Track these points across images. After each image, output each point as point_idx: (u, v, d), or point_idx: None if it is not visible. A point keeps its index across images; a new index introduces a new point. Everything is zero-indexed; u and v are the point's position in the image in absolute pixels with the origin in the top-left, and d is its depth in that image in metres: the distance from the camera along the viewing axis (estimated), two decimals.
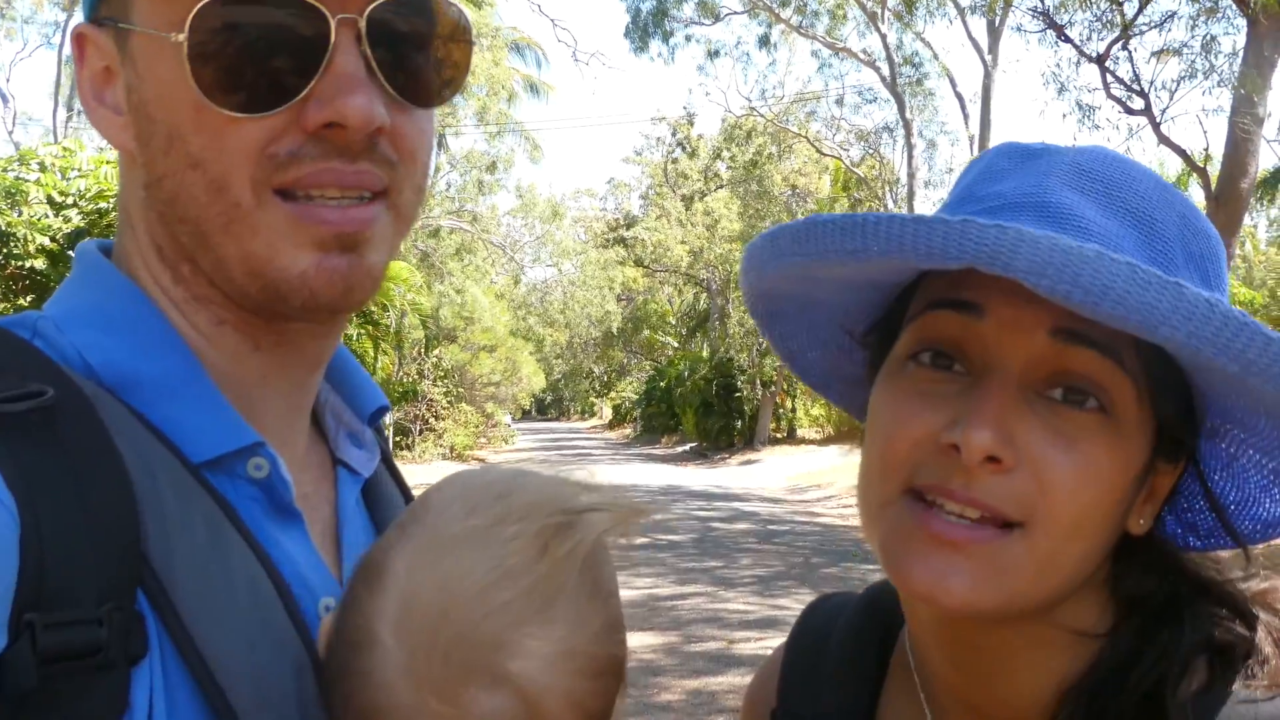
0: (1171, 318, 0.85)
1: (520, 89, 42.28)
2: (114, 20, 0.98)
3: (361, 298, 1.00)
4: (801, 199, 37.18)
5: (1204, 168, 16.61)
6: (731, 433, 38.03)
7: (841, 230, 0.96)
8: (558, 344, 64.74)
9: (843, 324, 1.16)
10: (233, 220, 0.95)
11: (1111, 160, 1.02)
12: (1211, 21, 18.27)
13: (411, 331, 26.34)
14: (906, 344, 1.03)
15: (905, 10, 27.59)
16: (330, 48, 0.93)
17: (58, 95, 37.85)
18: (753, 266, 1.10)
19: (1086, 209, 0.98)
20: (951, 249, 0.88)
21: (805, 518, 19.02)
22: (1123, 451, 0.97)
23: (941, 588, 0.95)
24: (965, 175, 1.10)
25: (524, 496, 0.96)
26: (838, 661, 1.24)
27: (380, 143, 0.97)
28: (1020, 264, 0.86)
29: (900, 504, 0.99)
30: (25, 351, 0.92)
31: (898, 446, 1.00)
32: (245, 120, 0.93)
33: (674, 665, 8.80)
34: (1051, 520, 0.95)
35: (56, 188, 15.26)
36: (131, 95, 0.98)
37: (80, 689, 0.80)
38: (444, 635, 0.90)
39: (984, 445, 0.93)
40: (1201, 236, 1.03)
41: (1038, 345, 0.95)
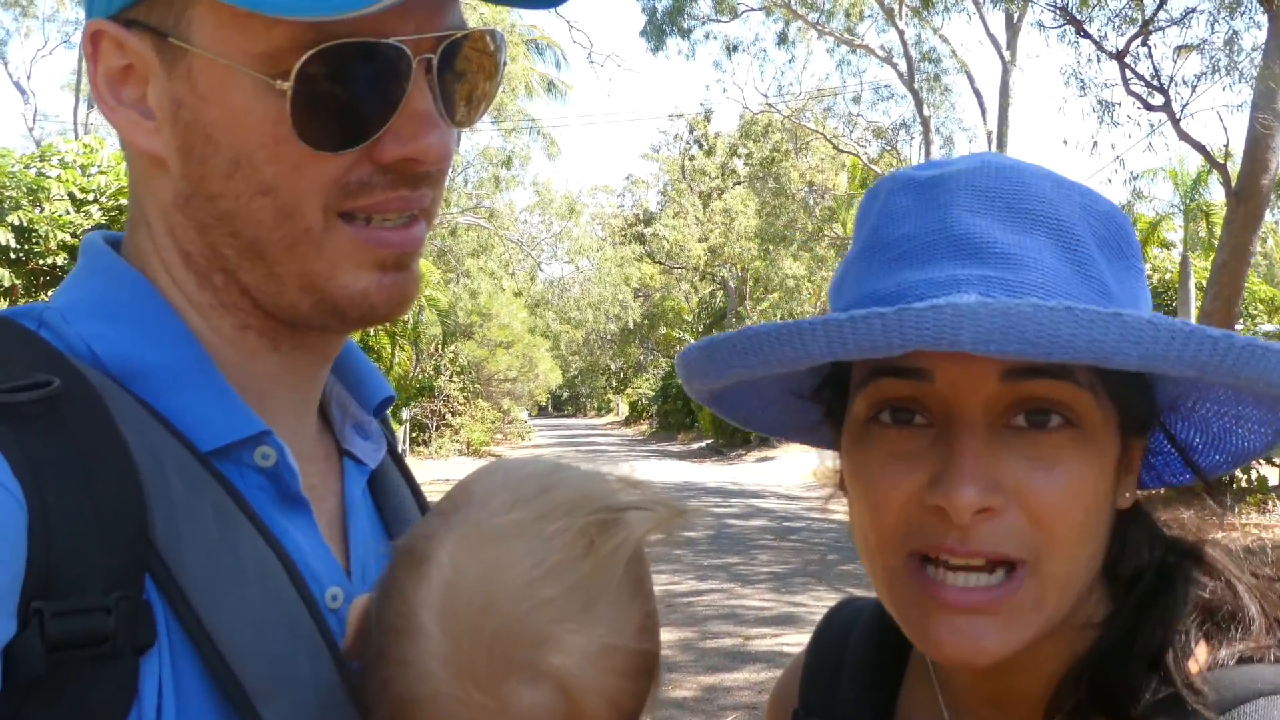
0: (1121, 346, 0.87)
1: (539, 87, 42.32)
2: (157, 30, 0.96)
3: (409, 306, 1.05)
4: (819, 195, 37.10)
5: (1224, 164, 16.51)
6: (748, 430, 37.93)
7: (779, 340, 0.96)
8: (574, 340, 64.80)
9: (790, 389, 1.17)
10: (299, 243, 0.97)
11: (1004, 171, 1.02)
12: (1233, 17, 18.16)
13: (429, 328, 26.43)
14: (862, 408, 1.03)
15: (923, 6, 27.49)
16: (410, 86, 0.96)
17: (79, 92, 38.08)
18: (694, 374, 1.10)
19: (996, 231, 0.98)
20: (894, 340, 0.89)
21: (821, 515, 18.98)
22: (1099, 456, 0.99)
23: (975, 650, 0.97)
24: (865, 218, 1.09)
25: (567, 491, 0.97)
26: (858, 662, 1.25)
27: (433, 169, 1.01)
28: (965, 338, 0.87)
29: (907, 572, 1.00)
30: (32, 342, 0.93)
31: (887, 516, 1.00)
32: (327, 156, 0.95)
33: (689, 661, 8.81)
34: (1055, 547, 0.96)
35: (78, 184, 15.38)
36: (180, 110, 0.97)
37: (88, 677, 0.81)
38: (488, 627, 0.90)
39: (970, 503, 0.93)
40: (1105, 219, 1.03)
41: (991, 389, 0.96)
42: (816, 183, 37.06)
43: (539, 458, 1.06)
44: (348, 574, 1.08)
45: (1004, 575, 0.97)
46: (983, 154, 1.07)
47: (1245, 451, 1.11)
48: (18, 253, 14.64)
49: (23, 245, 14.61)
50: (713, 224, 47.22)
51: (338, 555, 1.08)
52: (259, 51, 0.92)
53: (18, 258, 14.69)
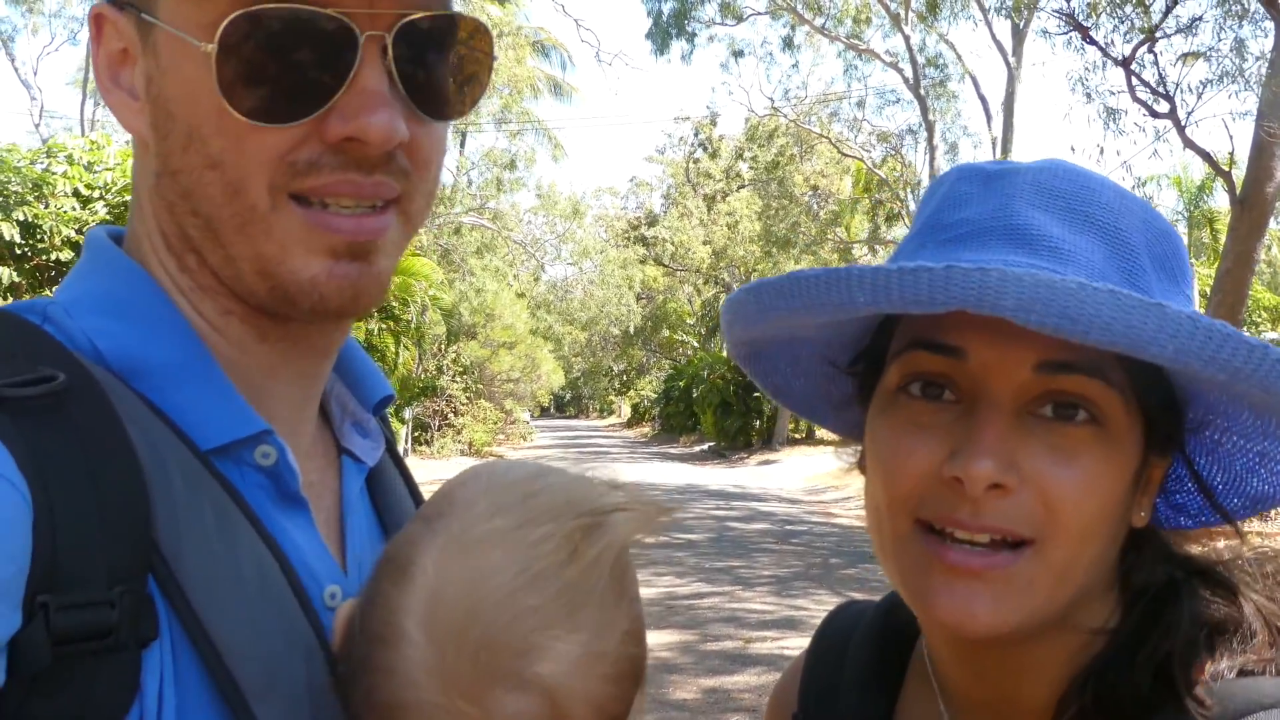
0: (1158, 337, 0.88)
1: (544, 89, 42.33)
2: (136, 8, 0.98)
3: (369, 303, 1.01)
4: (823, 200, 37.09)
5: (1229, 171, 16.50)
6: (750, 433, 37.98)
7: (826, 284, 0.97)
8: (577, 342, 64.78)
9: (826, 356, 1.17)
10: (247, 222, 0.96)
11: (1071, 174, 1.04)
12: (1240, 24, 18.15)
13: (432, 327, 26.42)
14: (894, 378, 1.05)
15: (928, 12, 27.49)
16: (356, 63, 0.94)
17: (85, 89, 38.11)
18: (737, 319, 1.11)
19: (1053, 227, 1.00)
20: (939, 295, 0.90)
21: (823, 518, 18.98)
22: (1118, 457, 1.00)
23: (967, 616, 0.98)
24: (927, 201, 1.11)
25: (551, 496, 0.97)
26: (857, 667, 1.25)
27: (397, 154, 0.98)
28: (1008, 303, 0.88)
29: (913, 537, 1.01)
30: (37, 337, 0.93)
31: (902, 482, 1.02)
32: (268, 128, 0.94)
33: (690, 663, 8.80)
34: (1061, 533, 0.97)
35: (83, 180, 15.39)
36: (151, 86, 0.98)
37: (92, 670, 0.81)
38: (472, 636, 0.90)
39: (987, 474, 0.95)
40: (1163, 238, 1.05)
41: (1024, 377, 0.98)
42: (821, 187, 37.02)
43: (523, 461, 1.06)
44: (345, 572, 1.08)
45: (1006, 551, 0.98)
46: (1053, 158, 1.08)
47: (1265, 497, 1.11)
48: (22, 248, 14.65)
49: (28, 241, 14.62)
50: (717, 226, 47.20)
51: (334, 553, 1.08)
52: (206, 20, 0.92)
53: (22, 253, 14.70)
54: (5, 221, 14.41)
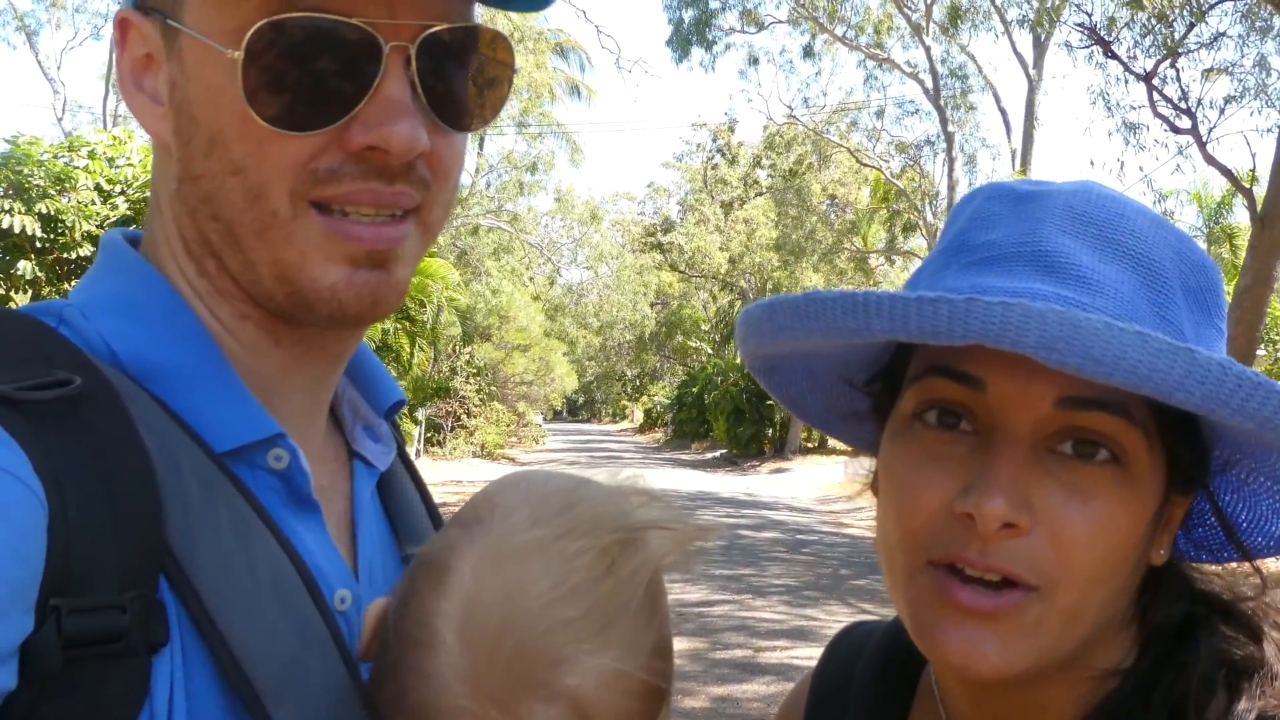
0: (1185, 383, 0.85)
1: (563, 92, 42.42)
2: (161, 14, 0.98)
3: (386, 311, 1.02)
4: (840, 209, 37.05)
5: (1250, 188, 16.42)
6: (762, 440, 37.92)
7: (843, 309, 0.94)
8: (591, 346, 64.81)
9: (843, 374, 1.15)
10: (268, 228, 0.97)
11: (1104, 199, 1.01)
12: (1263, 40, 18.08)
13: (448, 328, 26.48)
14: (910, 404, 1.02)
15: (950, 23, 27.46)
16: (380, 73, 0.95)
17: (108, 84, 38.32)
18: (752, 334, 1.09)
19: (1083, 255, 0.97)
20: (958, 328, 0.87)
21: (834, 528, 18.94)
22: (1137, 499, 0.96)
23: (975, 658, 0.96)
24: (955, 219, 1.08)
25: (589, 509, 0.97)
26: (863, 689, 1.24)
27: (418, 164, 0.99)
28: (1030, 340, 0.85)
29: (925, 575, 0.99)
30: (52, 339, 0.93)
31: (915, 517, 0.99)
32: (290, 136, 0.94)
33: (700, 671, 8.80)
34: (1071, 577, 0.94)
35: (105, 175, 15.47)
36: (175, 91, 0.98)
37: (102, 674, 0.81)
38: (507, 645, 0.91)
39: (998, 514, 0.92)
40: (1198, 270, 1.01)
41: (1044, 413, 0.95)
42: (838, 196, 36.99)
43: (562, 472, 1.06)
44: (356, 576, 1.09)
45: (1015, 591, 0.95)
46: (1087, 181, 1.05)
47: None
48: (44, 242, 14.73)
49: (49, 234, 14.70)
50: (733, 233, 47.20)
51: (345, 557, 1.08)
52: (231, 27, 0.93)
53: (43, 246, 14.79)
54: (27, 215, 14.49)
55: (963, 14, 27.40)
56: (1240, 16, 18.07)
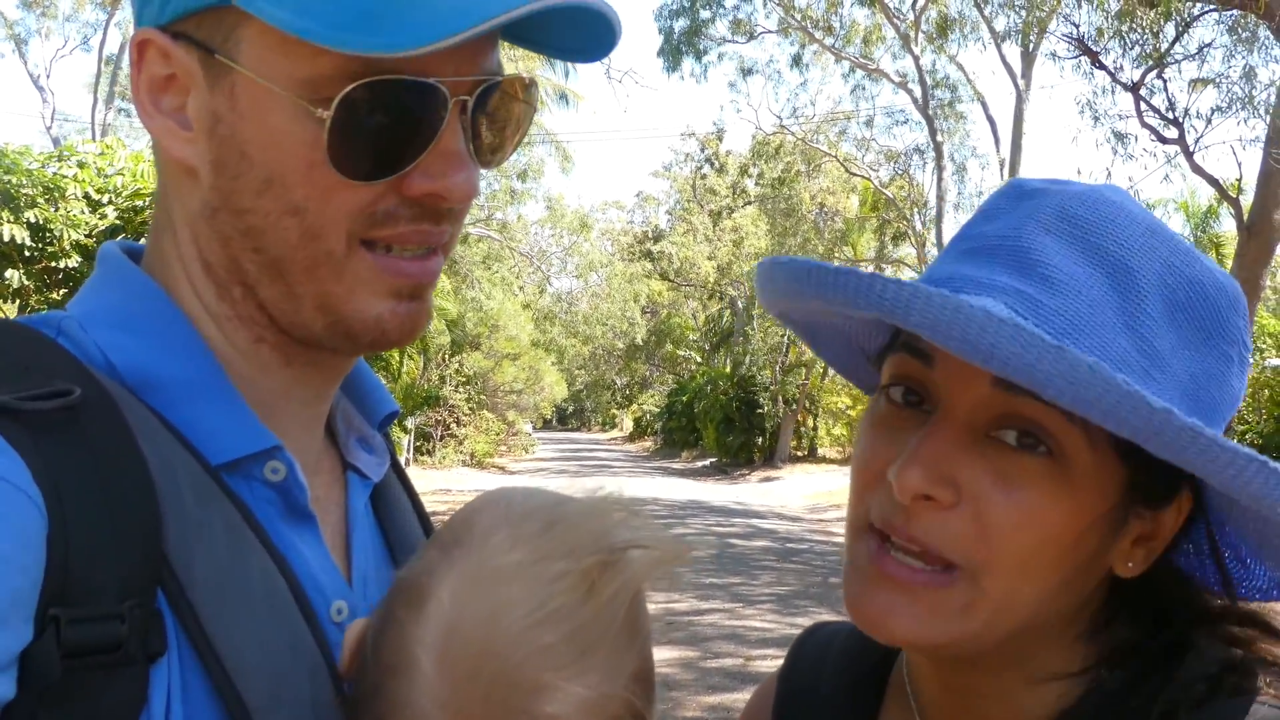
0: (1054, 380, 0.86)
1: (551, 99, 42.44)
2: (205, 46, 0.98)
3: (419, 335, 1.08)
4: (829, 217, 37.13)
5: (1236, 198, 16.51)
6: (752, 449, 37.93)
7: (789, 274, 1.00)
8: (581, 355, 64.76)
9: (857, 343, 1.18)
10: (320, 265, 0.99)
11: (1101, 203, 1.00)
12: (1250, 52, 18.18)
13: (437, 337, 26.44)
14: (885, 375, 1.06)
15: (938, 34, 27.57)
16: (444, 126, 0.98)
17: (96, 93, 38.24)
18: (764, 285, 1.11)
19: (1056, 254, 0.97)
20: (860, 301, 0.92)
21: (824, 537, 18.94)
22: (1070, 497, 0.95)
23: (883, 622, 0.99)
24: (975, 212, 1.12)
25: (569, 530, 0.97)
26: (835, 686, 1.25)
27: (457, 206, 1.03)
28: (914, 319, 0.89)
29: (865, 539, 1.02)
30: (52, 350, 0.94)
31: (860, 481, 1.04)
32: (357, 184, 0.97)
33: (691, 680, 8.79)
34: (993, 562, 0.95)
35: (94, 185, 15.42)
36: (218, 125, 0.98)
37: (101, 684, 0.82)
38: (486, 672, 0.90)
39: (912, 484, 0.95)
40: (1189, 284, 0.98)
41: (982, 392, 0.96)
42: (827, 204, 37.06)
43: (543, 490, 1.06)
44: (351, 587, 1.09)
45: (940, 573, 0.97)
46: (1103, 184, 1.05)
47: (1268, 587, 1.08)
48: (32, 250, 14.67)
49: (37, 244, 14.64)
50: (722, 242, 47.24)
51: (340, 568, 1.09)
52: (303, 77, 0.94)
53: (32, 255, 14.73)
54: (15, 224, 14.43)
55: (951, 25, 27.51)
56: (1226, 28, 18.17)
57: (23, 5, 41.81)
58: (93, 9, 41.62)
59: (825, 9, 29.88)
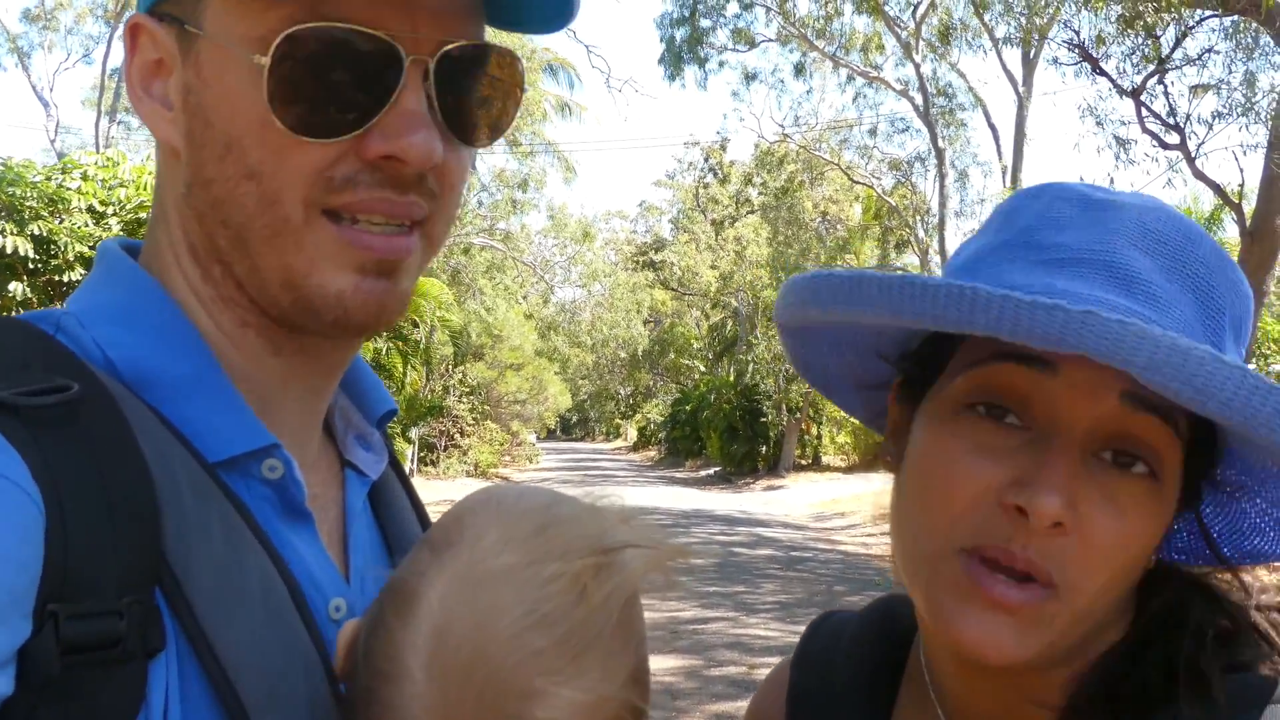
0: (1273, 420, 0.88)
1: (552, 110, 42.53)
2: (179, 20, 0.99)
3: (389, 320, 1.04)
4: (832, 226, 37.13)
5: (1239, 204, 16.49)
6: (756, 458, 37.85)
7: (947, 298, 0.93)
8: (584, 365, 64.76)
9: (875, 348, 1.14)
10: (278, 234, 0.98)
11: (1175, 220, 1.03)
12: (1250, 58, 18.18)
13: (440, 348, 26.44)
14: (963, 391, 1.02)
15: (939, 42, 27.61)
16: (400, 85, 0.96)
17: (100, 105, 38.33)
18: (792, 302, 1.09)
19: (1153, 273, 0.99)
20: (1070, 338, 0.87)
21: (828, 545, 18.91)
22: (1163, 513, 0.99)
23: (992, 647, 0.97)
24: (1016, 214, 1.07)
25: (561, 531, 0.96)
26: (849, 676, 1.24)
27: (429, 176, 1.01)
28: (1140, 360, 0.86)
29: (956, 561, 0.99)
30: (50, 346, 0.94)
31: (955, 504, 0.99)
32: (309, 143, 0.96)
33: (695, 689, 8.77)
34: (1090, 582, 0.97)
35: (98, 197, 15.45)
36: (189, 96, 0.99)
37: (100, 680, 0.82)
38: (477, 678, 0.89)
39: (1054, 512, 0.93)
40: (1243, 299, 1.04)
41: (1106, 408, 0.96)
42: (830, 213, 37.08)
43: (534, 489, 1.05)
44: (348, 584, 1.09)
45: (1037, 587, 0.97)
46: (1153, 197, 1.07)
47: (1261, 553, 1.11)
48: (36, 263, 14.70)
49: (41, 256, 14.67)
50: (725, 251, 47.26)
51: (339, 566, 1.09)
52: (256, 35, 0.94)
53: (36, 268, 14.76)
54: (20, 236, 14.47)
55: (952, 32, 27.56)
56: (1227, 34, 18.18)
57: (25, 18, 42.00)
58: (94, 21, 41.79)
59: (824, 18, 29.92)
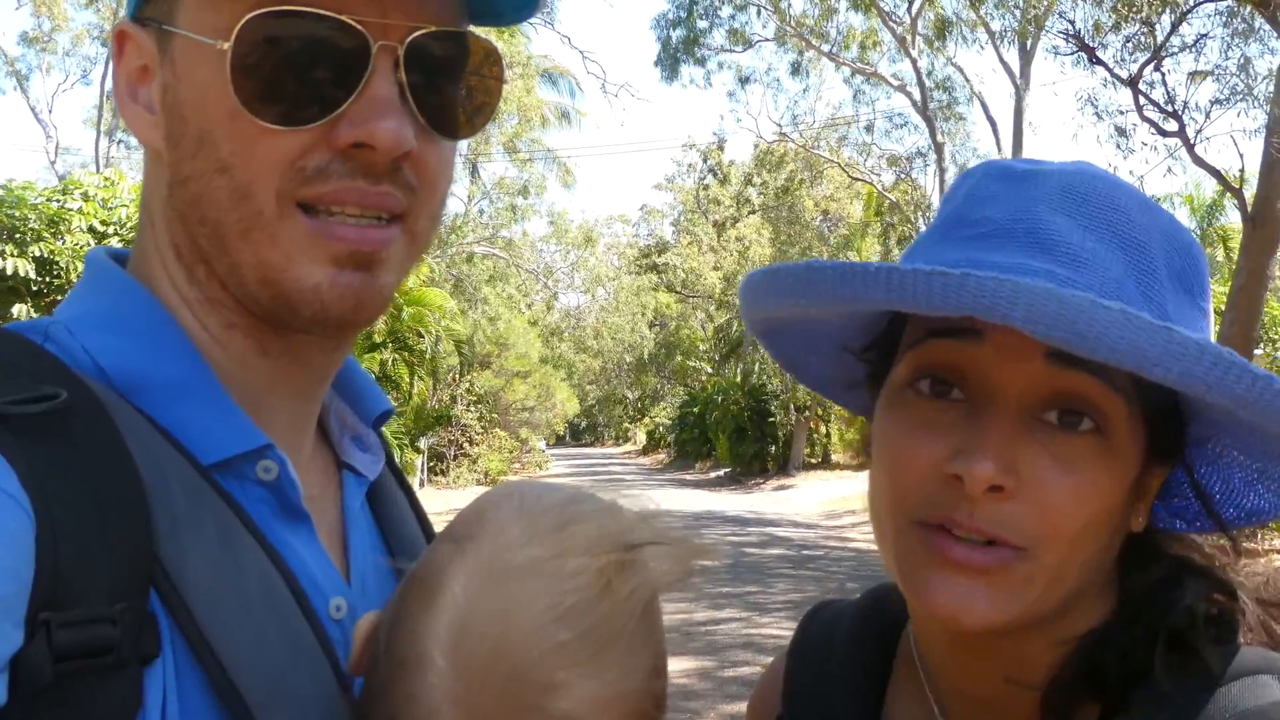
0: (1164, 359, 0.89)
1: (551, 116, 42.58)
2: (157, 21, 1.00)
3: (370, 315, 1.03)
4: (834, 224, 37.12)
5: (1240, 189, 16.46)
6: (765, 458, 37.85)
7: (840, 277, 0.98)
8: (591, 370, 64.79)
9: (840, 341, 1.17)
10: (252, 227, 0.97)
11: (1097, 180, 1.04)
12: (1246, 42, 18.15)
13: (446, 358, 26.47)
14: (905, 371, 1.05)
15: (936, 36, 27.60)
16: (368, 71, 0.96)
17: (99, 126, 38.46)
18: (753, 297, 1.12)
19: (1073, 233, 1.00)
20: (952, 300, 0.91)
21: (839, 543, 18.89)
22: (1118, 467, 1.00)
23: (964, 610, 0.99)
24: (953, 195, 1.11)
25: (584, 527, 0.96)
26: (843, 664, 1.25)
27: (404, 168, 1.00)
28: (1019, 314, 0.89)
29: (915, 533, 1.02)
30: (39, 355, 0.93)
31: (905, 478, 1.02)
32: (278, 132, 0.95)
33: (709, 689, 8.77)
34: (1054, 541, 0.98)
35: (99, 216, 15.51)
36: (167, 95, 1.00)
37: (93, 687, 0.81)
38: (499, 670, 0.89)
39: (987, 475, 0.95)
40: (1183, 251, 1.05)
41: (1034, 369, 0.98)
42: (831, 211, 37.08)
43: (555, 485, 1.05)
44: (349, 584, 1.09)
45: (1005, 550, 0.98)
46: (1082, 161, 1.09)
47: (1260, 510, 1.11)
48: (38, 284, 14.75)
49: (43, 277, 14.73)
50: (727, 252, 47.27)
51: (338, 566, 1.09)
52: (223, 24, 0.94)
53: (39, 289, 14.81)
54: (21, 258, 14.52)
55: (948, 26, 27.53)
56: (1223, 20, 18.15)
57: (23, 41, 42.15)
58: (91, 43, 41.92)
59: (820, 16, 29.93)
